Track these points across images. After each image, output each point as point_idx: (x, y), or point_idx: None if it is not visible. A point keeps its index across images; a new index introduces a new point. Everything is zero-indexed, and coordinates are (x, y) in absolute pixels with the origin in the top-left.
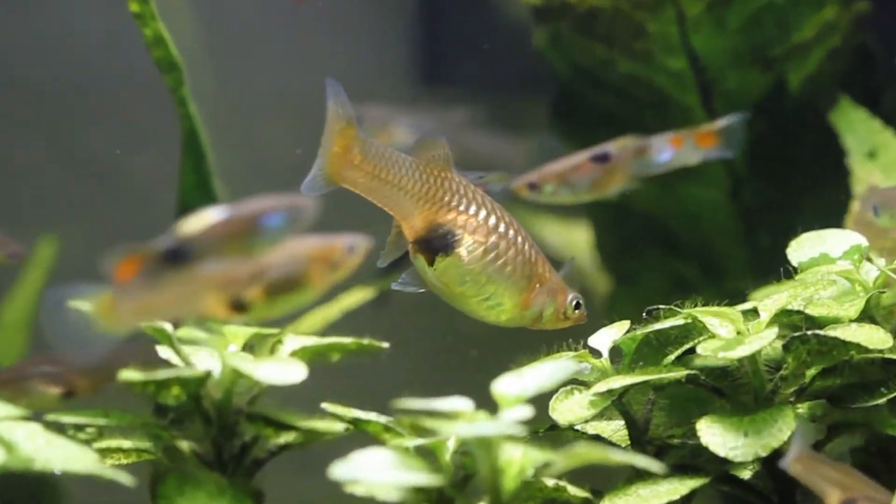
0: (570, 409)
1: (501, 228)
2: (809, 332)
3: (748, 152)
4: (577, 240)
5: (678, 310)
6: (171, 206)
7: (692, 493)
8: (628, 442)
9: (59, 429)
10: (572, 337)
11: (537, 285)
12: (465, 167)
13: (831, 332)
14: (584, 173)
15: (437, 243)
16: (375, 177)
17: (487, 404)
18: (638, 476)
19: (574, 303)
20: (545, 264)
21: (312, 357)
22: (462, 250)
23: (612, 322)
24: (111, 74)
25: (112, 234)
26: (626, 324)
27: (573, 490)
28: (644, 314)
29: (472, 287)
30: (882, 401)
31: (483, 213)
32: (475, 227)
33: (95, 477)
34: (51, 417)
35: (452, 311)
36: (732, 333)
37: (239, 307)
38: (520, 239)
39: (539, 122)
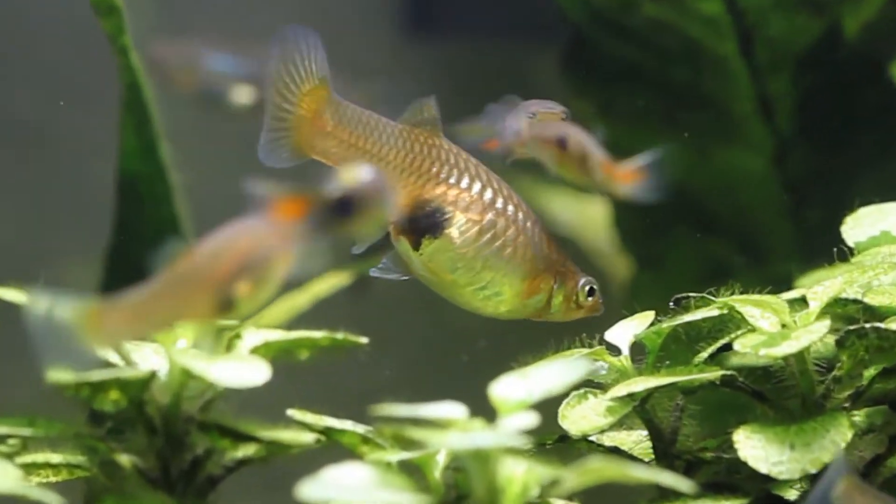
0: (583, 417)
1: (499, 204)
2: (868, 326)
3: (796, 111)
4: (591, 215)
5: (712, 298)
6: (110, 174)
7: None
8: (652, 456)
9: None
10: (586, 331)
11: (542, 270)
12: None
13: (894, 325)
14: (546, 149)
15: (423, 223)
16: (352, 146)
17: (484, 411)
18: (664, 496)
19: (587, 288)
20: (552, 245)
21: (277, 354)
22: (453, 231)
23: (633, 313)
24: (39, 18)
25: (40, 208)
26: (649, 315)
27: None
28: (671, 303)
29: (465, 274)
30: None
31: (477, 186)
32: (468, 203)
33: (19, 498)
34: None
35: (443, 301)
36: (776, 327)
37: (226, 306)
38: (521, 215)
39: (547, 76)
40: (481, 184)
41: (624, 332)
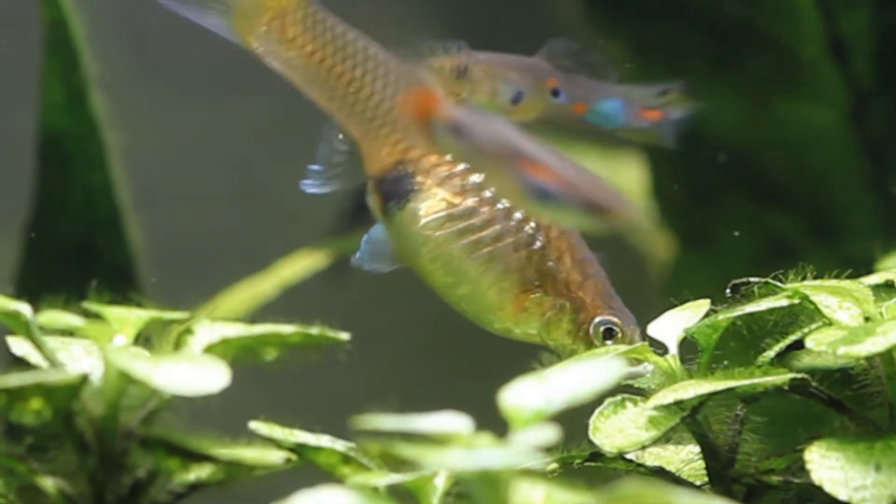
0: (619, 430)
1: (489, 192)
2: None
3: (876, 55)
4: (625, 182)
5: (778, 284)
6: (28, 131)
7: None
8: (705, 478)
9: None
10: None
11: (538, 287)
12: None
13: None
14: None
15: (387, 186)
16: (317, 64)
17: (494, 423)
18: None
19: (603, 329)
20: (572, 260)
21: (238, 354)
22: (419, 206)
23: (681, 302)
24: None
25: None
26: (703, 305)
27: None
28: (728, 291)
29: (430, 263)
30: None
31: None
32: (444, 177)
33: None
34: None
35: None
36: (858, 319)
37: None
38: (519, 213)
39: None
40: None
41: (672, 326)
